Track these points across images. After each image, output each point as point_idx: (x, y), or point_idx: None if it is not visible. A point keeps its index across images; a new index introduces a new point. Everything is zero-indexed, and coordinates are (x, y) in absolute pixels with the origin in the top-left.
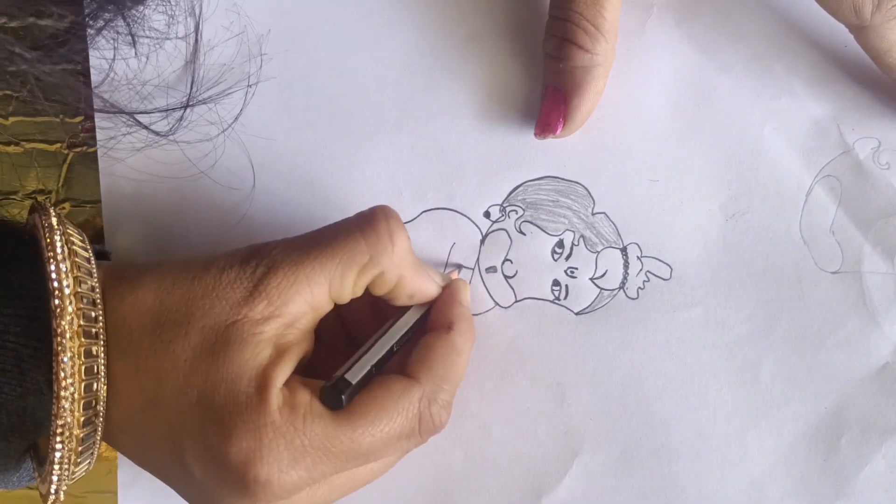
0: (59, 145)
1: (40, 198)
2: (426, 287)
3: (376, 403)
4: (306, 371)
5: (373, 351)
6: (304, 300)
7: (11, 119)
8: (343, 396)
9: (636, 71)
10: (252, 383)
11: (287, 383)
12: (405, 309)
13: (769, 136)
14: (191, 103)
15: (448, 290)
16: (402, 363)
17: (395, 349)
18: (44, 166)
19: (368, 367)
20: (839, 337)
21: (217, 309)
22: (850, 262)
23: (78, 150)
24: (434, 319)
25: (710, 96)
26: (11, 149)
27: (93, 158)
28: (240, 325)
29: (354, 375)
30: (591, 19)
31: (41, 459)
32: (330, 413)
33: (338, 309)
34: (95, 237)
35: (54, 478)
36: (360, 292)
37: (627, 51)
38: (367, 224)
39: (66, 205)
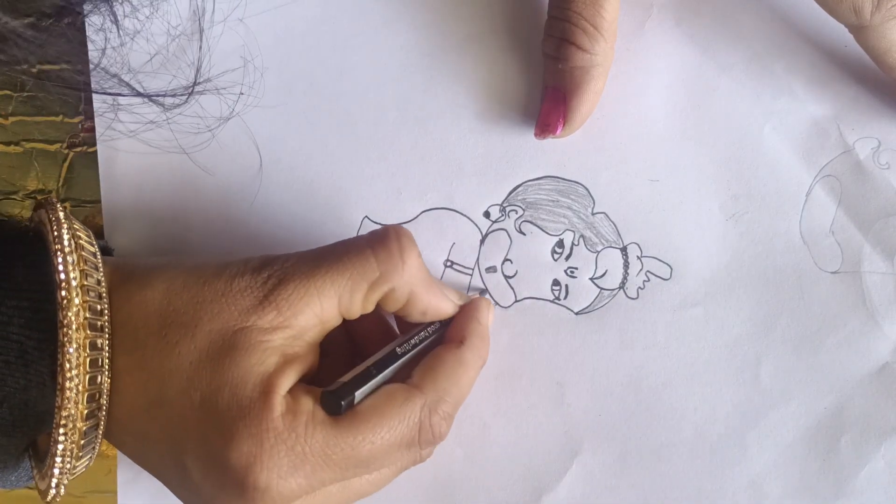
0: (59, 145)
1: (40, 198)
2: (440, 304)
3: (377, 411)
4: (311, 382)
5: (379, 361)
6: (313, 313)
7: (11, 119)
8: (343, 402)
9: (636, 71)
10: (256, 389)
11: (291, 391)
12: (419, 326)
13: (769, 136)
14: (190, 92)
15: (468, 306)
16: (409, 373)
17: (404, 362)
18: (44, 166)
19: (371, 376)
20: (839, 337)
21: (226, 314)
22: (850, 262)
23: (78, 150)
24: (448, 334)
25: (710, 96)
26: (11, 149)
27: (93, 158)
28: (247, 332)
29: (356, 383)
30: (589, 19)
31: (41, 456)
32: (331, 420)
33: (346, 324)
34: (96, 237)
35: (56, 471)
36: (370, 308)
37: (627, 51)
38: (378, 241)
39: (67, 205)
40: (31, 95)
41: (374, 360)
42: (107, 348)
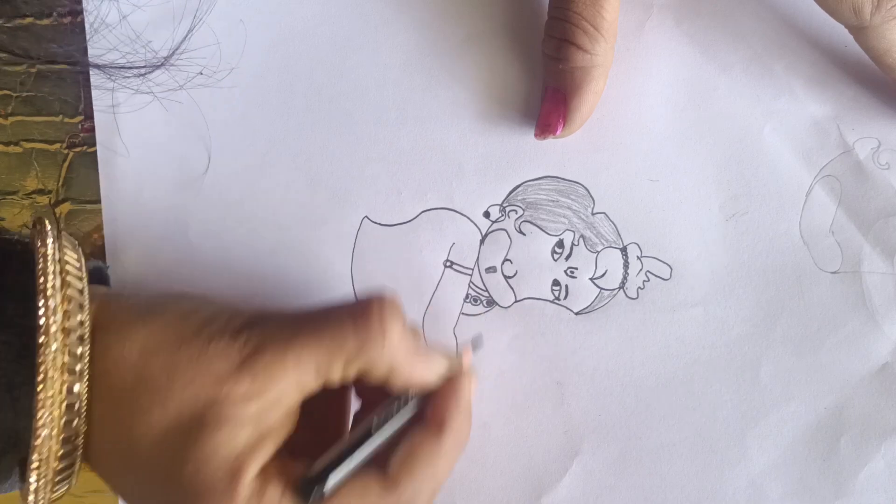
0: (59, 145)
1: (40, 198)
2: (422, 377)
3: None
4: (291, 444)
5: (353, 445)
6: (289, 381)
7: (11, 119)
8: (311, 498)
9: (636, 71)
10: (222, 468)
11: (264, 470)
12: (403, 397)
13: (769, 136)
14: (167, 64)
15: (450, 383)
16: (386, 455)
17: (380, 446)
18: (44, 166)
19: (345, 462)
20: (839, 337)
21: (199, 381)
22: (850, 262)
23: (78, 150)
24: (428, 412)
25: (709, 96)
26: (11, 149)
27: (93, 158)
28: (220, 404)
29: (329, 471)
30: (590, 20)
31: (24, 474)
32: None
33: None
34: (97, 238)
35: (31, 498)
36: (350, 379)
37: (627, 51)
38: (360, 314)
39: (66, 205)
40: (30, 95)
41: (349, 444)
42: (84, 393)
